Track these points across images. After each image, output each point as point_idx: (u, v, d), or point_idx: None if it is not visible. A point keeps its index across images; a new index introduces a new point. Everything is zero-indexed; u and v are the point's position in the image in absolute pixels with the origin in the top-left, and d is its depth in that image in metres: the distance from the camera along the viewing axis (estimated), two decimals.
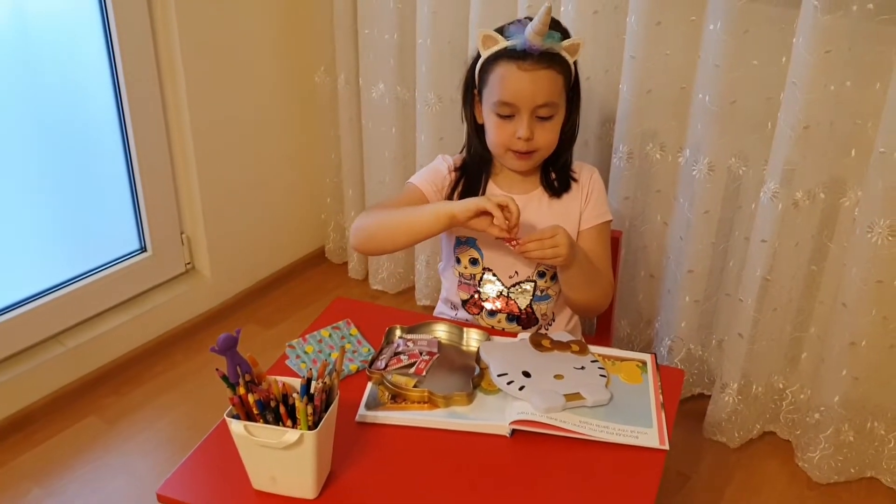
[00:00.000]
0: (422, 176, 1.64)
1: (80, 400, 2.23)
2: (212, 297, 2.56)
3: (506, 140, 1.52)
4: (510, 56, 1.46)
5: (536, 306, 1.64)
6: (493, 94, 1.50)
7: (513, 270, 1.62)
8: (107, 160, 2.27)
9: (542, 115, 1.49)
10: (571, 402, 1.33)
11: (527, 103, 1.47)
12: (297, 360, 1.46)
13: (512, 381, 1.37)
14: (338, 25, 2.41)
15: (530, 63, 1.45)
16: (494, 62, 1.49)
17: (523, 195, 1.60)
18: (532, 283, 1.62)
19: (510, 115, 1.49)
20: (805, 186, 1.78)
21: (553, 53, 1.46)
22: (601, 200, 1.62)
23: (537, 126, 1.50)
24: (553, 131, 1.52)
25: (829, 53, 1.63)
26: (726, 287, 2.05)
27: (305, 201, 2.77)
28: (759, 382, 2.02)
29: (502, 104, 1.49)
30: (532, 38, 1.43)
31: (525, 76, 1.46)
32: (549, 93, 1.47)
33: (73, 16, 2.10)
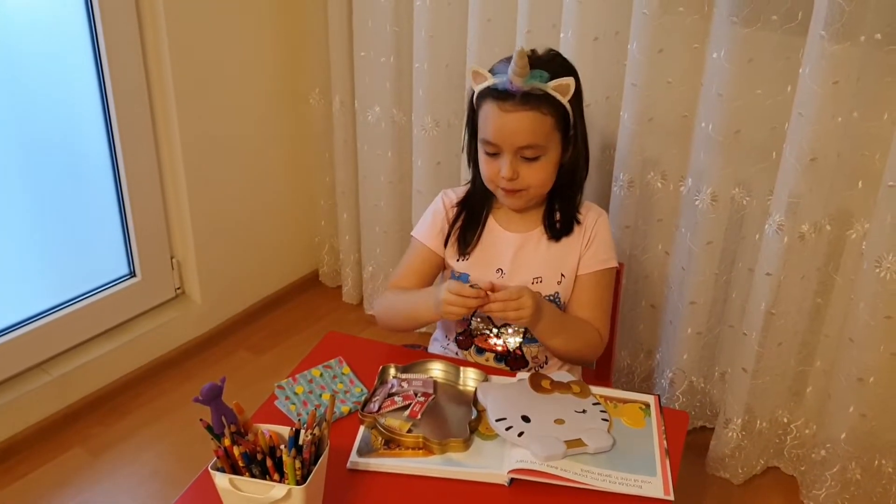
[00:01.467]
0: (423, 226, 1.62)
1: (65, 430, 2.17)
2: (202, 322, 2.51)
3: (492, 176, 1.48)
4: (493, 95, 1.43)
5: (527, 348, 1.59)
6: (481, 131, 1.47)
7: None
8: (95, 183, 2.22)
9: (527, 155, 1.44)
10: (572, 450, 1.28)
11: (508, 144, 1.43)
12: (286, 402, 1.40)
13: (511, 427, 1.31)
14: (333, 47, 2.37)
15: (511, 104, 1.41)
16: (482, 99, 1.45)
17: (522, 233, 1.55)
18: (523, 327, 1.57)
19: (495, 153, 1.46)
20: (811, 219, 1.74)
21: (539, 94, 1.41)
22: (605, 246, 1.56)
23: (522, 166, 1.45)
24: (542, 171, 1.47)
25: (837, 84, 1.59)
26: (729, 319, 2.00)
27: (299, 224, 2.72)
28: (763, 417, 1.96)
29: (487, 143, 1.46)
30: (512, 78, 1.39)
31: (506, 117, 1.41)
32: (531, 134, 1.42)
33: (62, 37, 2.05)
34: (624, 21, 1.84)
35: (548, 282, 1.54)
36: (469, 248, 1.56)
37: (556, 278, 1.54)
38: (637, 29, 1.79)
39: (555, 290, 1.54)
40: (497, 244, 1.56)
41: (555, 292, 1.54)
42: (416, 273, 1.61)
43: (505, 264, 1.55)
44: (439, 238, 1.59)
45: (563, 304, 1.55)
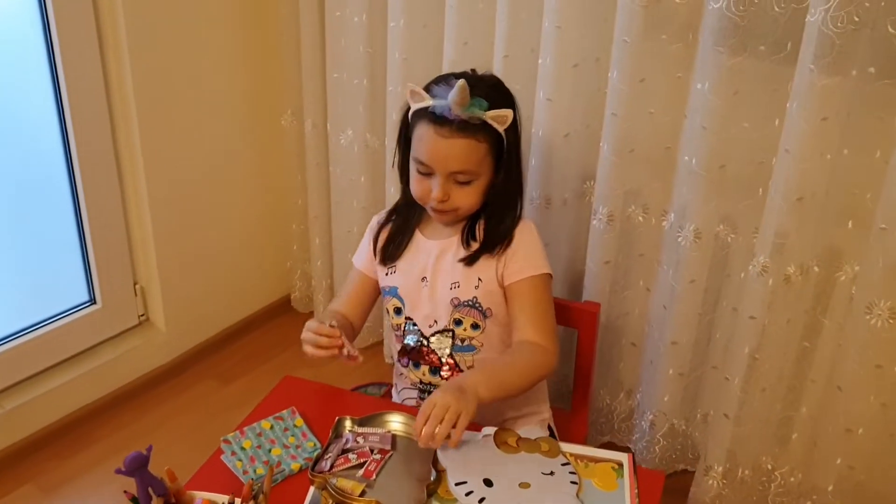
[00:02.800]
0: (360, 251, 1.64)
1: (16, 466, 2.07)
2: (167, 350, 2.41)
3: (422, 196, 1.47)
4: (430, 118, 1.40)
5: (459, 357, 1.53)
6: (414, 150, 1.46)
7: (431, 319, 1.53)
8: (53, 205, 2.13)
9: (460, 179, 1.43)
10: None
11: (441, 168, 1.42)
12: (232, 458, 1.31)
13: (471, 492, 1.22)
14: (306, 67, 2.28)
15: (448, 130, 1.39)
16: (418, 119, 1.44)
17: (442, 240, 1.53)
18: (450, 332, 1.52)
19: (428, 173, 1.44)
20: (797, 260, 1.65)
21: (476, 123, 1.39)
22: (531, 253, 1.50)
23: (454, 188, 1.44)
24: (472, 195, 1.45)
25: (826, 120, 1.50)
26: (712, 360, 1.92)
27: (270, 248, 2.63)
28: (745, 465, 1.88)
29: (419, 162, 1.44)
30: (453, 106, 1.36)
31: (442, 143, 1.40)
32: (465, 161, 1.41)
33: (17, 55, 1.96)
34: (605, 47, 1.75)
35: (465, 286, 1.49)
36: (394, 258, 1.55)
37: (473, 283, 1.49)
38: (618, 57, 1.70)
39: (473, 295, 1.49)
40: (420, 253, 1.54)
41: (473, 297, 1.49)
42: (353, 298, 1.61)
43: (427, 272, 1.52)
44: (372, 261, 1.59)
45: (485, 307, 1.50)
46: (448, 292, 1.50)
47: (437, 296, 1.51)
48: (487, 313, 1.51)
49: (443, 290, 1.51)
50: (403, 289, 1.54)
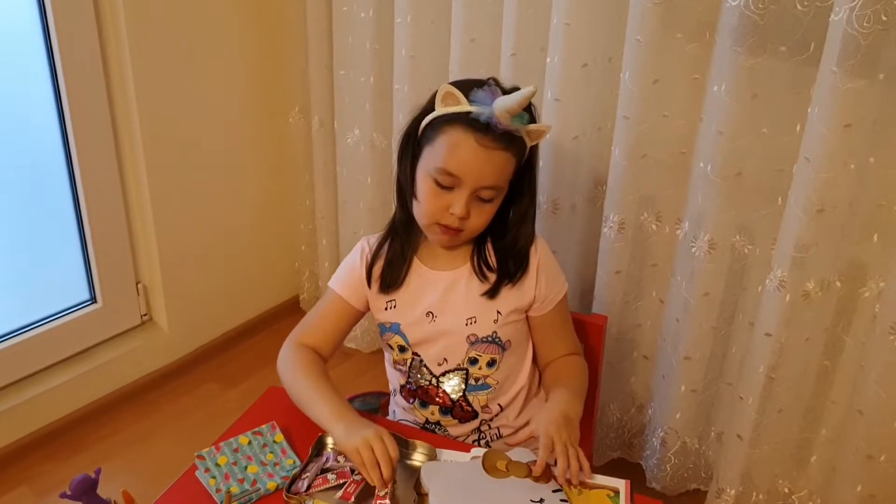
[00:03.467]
0: (340, 276, 1.46)
1: (10, 468, 2.03)
2: (169, 351, 2.36)
3: (436, 212, 1.31)
4: (470, 125, 1.26)
5: (472, 397, 1.43)
6: (438, 159, 1.29)
7: (441, 357, 1.41)
8: (53, 203, 2.08)
9: (484, 196, 1.30)
10: None
11: (471, 180, 1.28)
12: (206, 474, 1.25)
13: None
14: (312, 64, 2.21)
15: (491, 140, 1.26)
16: (449, 124, 1.28)
17: (450, 271, 1.40)
18: (463, 371, 1.41)
19: (450, 186, 1.29)
20: (818, 275, 1.55)
21: (516, 135, 1.27)
22: (554, 278, 1.42)
23: (474, 206, 1.30)
24: (488, 215, 1.33)
25: (850, 128, 1.40)
26: (727, 376, 1.82)
27: (277, 248, 2.57)
28: (760, 489, 1.78)
29: (446, 173, 1.28)
30: (502, 115, 1.23)
31: (482, 153, 1.26)
32: (498, 176, 1.29)
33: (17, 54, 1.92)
34: (617, 46, 1.66)
35: (482, 322, 1.38)
36: (393, 292, 1.40)
37: (492, 317, 1.38)
38: (630, 56, 1.61)
39: (492, 330, 1.38)
40: (423, 285, 1.40)
41: (492, 332, 1.38)
42: (330, 328, 1.44)
43: (434, 306, 1.39)
44: (358, 289, 1.43)
45: (505, 341, 1.40)
46: (463, 328, 1.39)
47: (448, 333, 1.39)
48: (506, 346, 1.41)
49: (456, 327, 1.39)
50: (406, 326, 1.41)
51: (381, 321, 1.44)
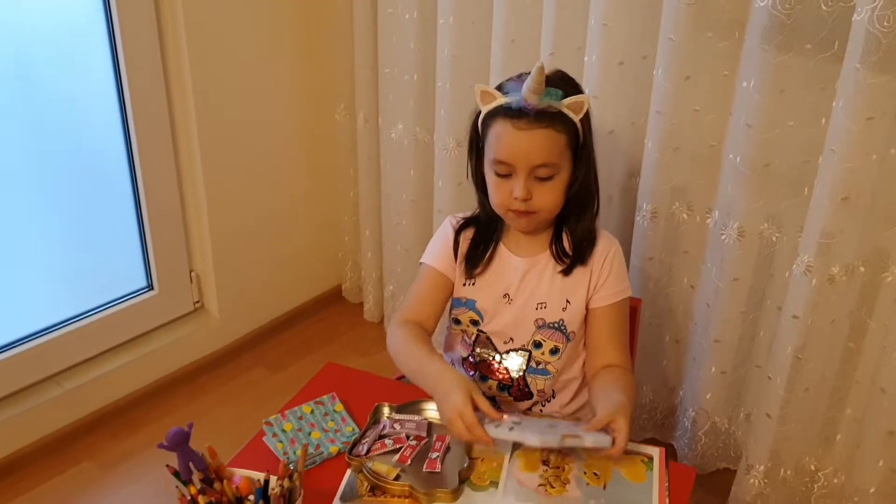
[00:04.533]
0: (432, 251, 1.56)
1: (75, 444, 2.17)
2: (219, 337, 2.48)
3: (504, 200, 1.41)
4: (506, 114, 1.36)
5: (531, 379, 1.52)
6: (491, 152, 1.40)
7: (508, 336, 1.51)
8: (114, 195, 2.21)
9: (541, 175, 1.38)
10: (569, 441, 1.23)
11: (523, 163, 1.37)
12: (273, 439, 1.36)
13: (500, 426, 1.26)
14: (358, 63, 2.32)
15: (526, 122, 1.35)
16: (492, 119, 1.39)
17: (529, 258, 1.49)
18: (526, 352, 1.51)
19: (507, 174, 1.39)
20: (843, 260, 1.63)
21: (553, 112, 1.35)
22: (619, 277, 1.49)
23: (536, 186, 1.39)
24: (554, 192, 1.40)
25: (872, 120, 1.49)
26: (756, 358, 1.91)
27: (322, 239, 2.69)
28: (788, 465, 1.87)
29: (499, 163, 1.39)
30: (528, 96, 1.32)
31: (521, 135, 1.35)
32: (546, 153, 1.36)
33: (81, 48, 2.04)
34: (651, 45, 1.75)
35: (552, 308, 1.48)
36: (476, 272, 1.51)
37: (561, 304, 1.48)
38: (663, 55, 1.71)
39: (559, 317, 1.48)
40: (504, 269, 1.50)
41: (559, 319, 1.48)
42: (428, 301, 1.54)
43: (511, 289, 1.49)
44: (449, 261, 1.53)
45: (570, 331, 1.49)
46: (533, 312, 1.48)
47: (519, 314, 1.49)
48: (571, 336, 1.50)
49: (527, 310, 1.48)
50: (482, 303, 1.51)
51: (457, 296, 1.53)
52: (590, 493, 1.25)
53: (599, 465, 1.30)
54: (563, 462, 1.30)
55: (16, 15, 1.88)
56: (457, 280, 1.53)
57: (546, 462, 1.30)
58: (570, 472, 1.28)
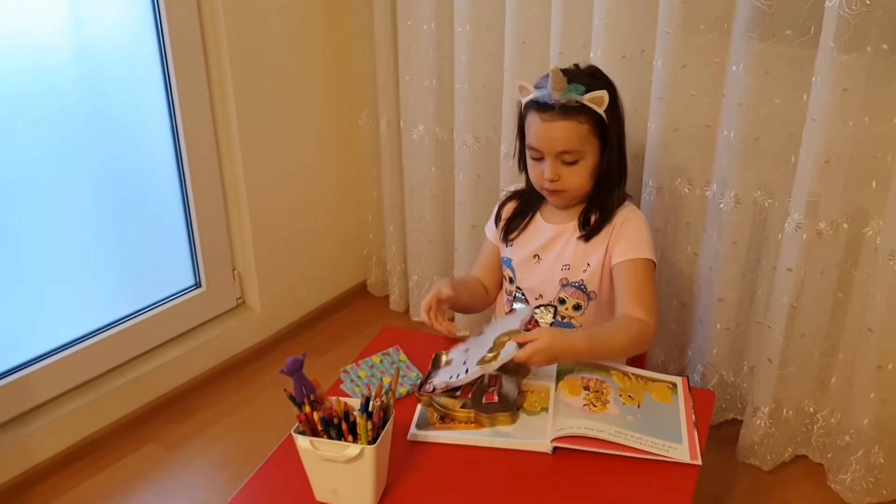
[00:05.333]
0: (489, 225, 1.85)
1: (140, 427, 2.36)
2: (261, 330, 2.69)
3: (537, 179, 1.68)
4: (536, 107, 1.62)
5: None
6: (527, 139, 1.67)
7: (538, 293, 1.75)
8: (165, 203, 2.43)
9: (567, 160, 1.63)
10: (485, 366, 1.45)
11: (549, 150, 1.62)
12: (351, 384, 1.57)
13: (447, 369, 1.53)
14: (380, 72, 2.55)
15: (550, 115, 1.60)
16: (528, 110, 1.65)
17: (558, 225, 1.73)
18: (553, 307, 1.74)
19: (539, 157, 1.65)
20: (828, 217, 1.87)
21: (576, 105, 1.58)
22: (635, 239, 1.67)
23: (564, 169, 1.63)
24: (580, 174, 1.64)
25: (847, 91, 1.73)
26: (756, 315, 2.14)
27: (349, 238, 2.91)
28: (789, 406, 2.09)
29: (531, 148, 1.65)
30: (553, 93, 1.57)
31: (546, 126, 1.61)
32: (569, 141, 1.60)
33: (136, 67, 2.26)
34: (649, 40, 1.99)
35: (574, 269, 1.71)
36: (513, 235, 1.77)
37: (582, 266, 1.70)
38: (661, 47, 1.95)
39: (580, 278, 1.70)
40: (536, 234, 1.75)
41: (580, 279, 1.70)
42: (483, 264, 1.85)
43: (540, 251, 1.74)
44: (494, 230, 1.82)
45: (590, 290, 1.71)
46: (559, 272, 1.71)
47: (546, 273, 1.73)
48: (591, 296, 1.72)
49: (553, 270, 1.72)
50: (517, 262, 1.77)
51: (502, 256, 1.80)
52: (627, 411, 1.46)
53: (633, 389, 1.52)
54: (601, 387, 1.52)
55: (81, 36, 2.11)
56: (499, 243, 1.80)
57: (587, 388, 1.51)
58: (609, 395, 1.50)
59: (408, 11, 2.40)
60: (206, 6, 2.26)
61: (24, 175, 2.06)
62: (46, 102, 2.06)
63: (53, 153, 2.11)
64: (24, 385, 2.15)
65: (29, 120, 2.03)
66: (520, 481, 1.35)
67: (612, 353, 1.58)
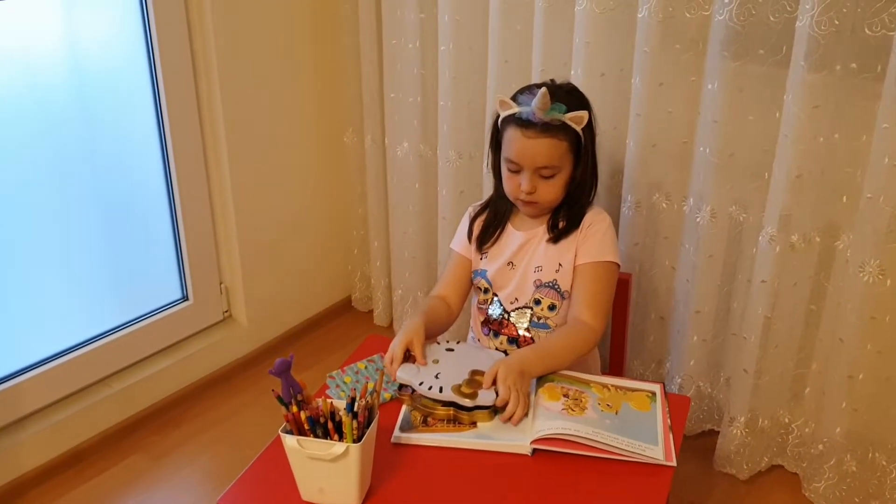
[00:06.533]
0: (457, 238, 1.88)
1: (126, 439, 2.38)
2: (247, 343, 2.72)
3: (513, 190, 1.73)
4: (517, 122, 1.67)
5: (535, 333, 1.79)
6: (505, 151, 1.71)
7: (514, 297, 1.79)
8: (153, 216, 2.46)
9: (544, 174, 1.69)
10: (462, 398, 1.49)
11: (529, 165, 1.67)
12: (336, 389, 1.61)
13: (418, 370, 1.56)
14: (366, 90, 2.61)
15: (532, 132, 1.65)
16: (507, 123, 1.70)
17: (528, 231, 1.79)
18: (529, 309, 1.78)
19: (517, 170, 1.70)
20: (800, 230, 1.93)
21: (557, 123, 1.65)
22: (600, 241, 1.74)
23: (540, 182, 1.69)
24: (555, 187, 1.70)
25: (817, 108, 1.79)
26: (732, 327, 2.19)
27: (334, 253, 2.95)
28: (765, 416, 2.14)
29: (510, 161, 1.70)
30: (536, 111, 1.63)
31: (528, 142, 1.66)
32: (548, 157, 1.66)
33: (125, 83, 2.30)
34: (628, 58, 2.05)
35: (547, 270, 1.76)
36: (486, 246, 1.81)
37: (554, 267, 1.75)
38: (639, 65, 2.01)
39: (553, 278, 1.76)
40: (508, 242, 1.80)
41: (553, 279, 1.76)
42: (453, 279, 1.86)
43: (514, 258, 1.78)
44: (466, 244, 1.85)
45: (563, 290, 1.76)
46: (532, 274, 1.76)
47: (521, 277, 1.77)
48: (565, 295, 1.76)
49: (527, 273, 1.76)
50: (492, 272, 1.80)
51: (475, 268, 1.83)
52: (605, 416, 1.51)
53: (611, 399, 1.56)
54: (580, 396, 1.56)
55: (71, 52, 2.16)
56: (473, 257, 1.83)
57: (566, 395, 1.56)
58: (587, 402, 1.54)
59: (393, 30, 2.46)
60: (195, 23, 2.31)
61: (13, 189, 2.09)
62: (35, 117, 2.10)
63: (42, 167, 2.15)
64: (12, 395, 2.17)
65: (18, 134, 2.07)
66: (500, 482, 1.39)
67: (557, 358, 1.63)
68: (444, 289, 1.85)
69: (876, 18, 1.72)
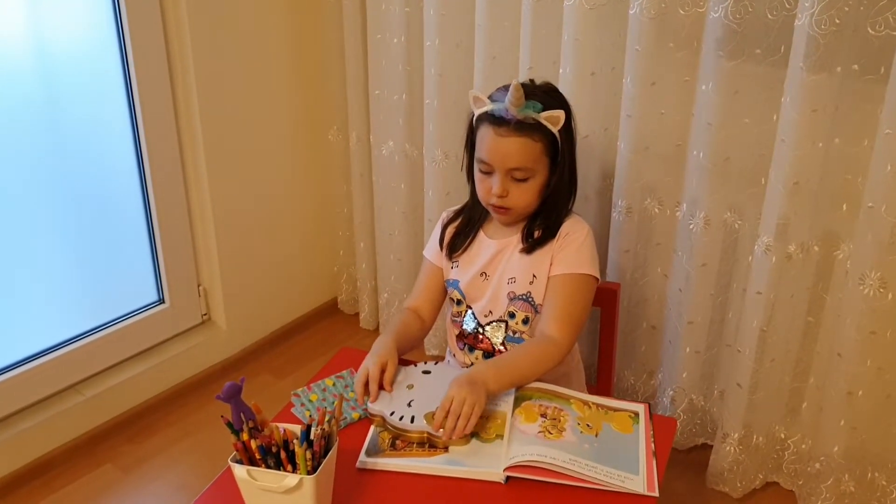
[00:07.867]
0: (429, 245, 1.79)
1: (96, 448, 2.30)
2: (227, 347, 2.64)
3: (484, 194, 1.62)
4: (490, 120, 1.57)
5: (511, 346, 1.69)
6: (477, 151, 1.61)
7: (487, 310, 1.69)
8: (128, 217, 2.37)
9: (517, 176, 1.58)
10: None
11: (500, 165, 1.57)
12: (301, 408, 1.52)
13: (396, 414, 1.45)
14: (350, 87, 2.51)
15: (506, 130, 1.55)
16: (481, 122, 1.60)
17: (501, 240, 1.69)
18: (503, 322, 1.69)
19: (489, 172, 1.60)
20: (798, 240, 1.83)
21: (531, 122, 1.55)
22: (577, 253, 1.63)
23: (513, 185, 1.59)
24: (528, 192, 1.60)
25: (816, 112, 1.69)
26: (726, 338, 2.09)
27: (319, 254, 2.85)
28: (759, 432, 2.04)
29: (481, 161, 1.60)
30: (510, 108, 1.53)
31: (501, 141, 1.56)
32: (521, 158, 1.56)
33: (97, 80, 2.21)
34: (619, 57, 1.96)
35: (520, 282, 1.65)
36: (457, 254, 1.71)
37: (528, 279, 1.65)
38: (631, 64, 1.91)
39: (527, 290, 1.65)
40: (481, 251, 1.70)
41: (527, 291, 1.65)
42: (425, 289, 1.77)
43: (487, 268, 1.68)
44: (439, 252, 1.75)
45: (537, 303, 1.66)
46: (505, 286, 1.66)
47: (495, 289, 1.67)
48: (539, 308, 1.66)
49: (500, 284, 1.66)
50: (464, 283, 1.70)
51: (447, 278, 1.74)
52: (583, 439, 1.41)
53: (592, 418, 1.47)
54: (559, 415, 1.47)
55: (42, 47, 2.06)
56: (444, 265, 1.74)
57: (544, 415, 1.47)
58: (566, 423, 1.45)
59: (378, 25, 2.36)
60: (170, 17, 2.22)
61: None
62: (5, 115, 2.02)
63: (13, 167, 2.06)
64: None
65: None
66: None
67: (517, 371, 1.53)
68: (417, 300, 1.76)
69: (879, 17, 1.62)
